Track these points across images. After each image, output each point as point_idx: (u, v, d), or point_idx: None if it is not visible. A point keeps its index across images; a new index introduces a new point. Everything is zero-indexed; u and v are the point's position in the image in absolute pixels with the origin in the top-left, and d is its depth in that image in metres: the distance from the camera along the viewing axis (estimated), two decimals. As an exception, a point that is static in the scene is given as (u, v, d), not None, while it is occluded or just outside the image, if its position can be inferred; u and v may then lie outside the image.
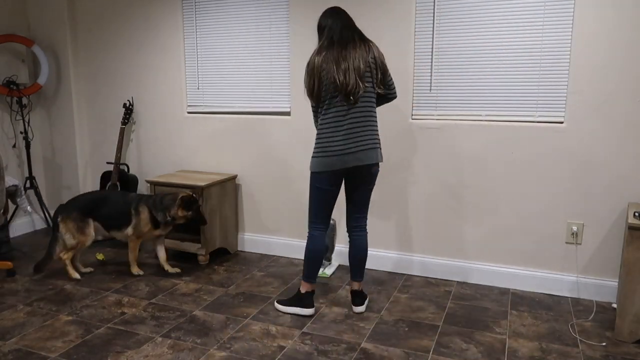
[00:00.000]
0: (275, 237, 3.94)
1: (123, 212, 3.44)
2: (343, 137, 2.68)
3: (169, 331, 2.76)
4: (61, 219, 3.37)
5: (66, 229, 3.36)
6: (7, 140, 4.36)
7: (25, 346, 2.61)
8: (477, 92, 3.22)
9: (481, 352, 2.55)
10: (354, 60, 2.66)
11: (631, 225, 2.54)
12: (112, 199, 3.50)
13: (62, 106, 4.46)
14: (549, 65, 3.03)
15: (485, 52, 3.15)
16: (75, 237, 3.37)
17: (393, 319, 2.90)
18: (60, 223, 3.38)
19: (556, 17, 2.98)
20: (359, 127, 2.71)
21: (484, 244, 3.34)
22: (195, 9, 3.90)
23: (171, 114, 4.12)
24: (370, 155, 2.73)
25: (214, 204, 3.73)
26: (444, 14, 3.21)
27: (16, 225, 4.43)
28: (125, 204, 3.46)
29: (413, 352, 2.55)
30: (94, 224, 3.44)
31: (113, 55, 4.27)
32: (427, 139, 3.36)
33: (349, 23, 2.76)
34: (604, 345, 2.61)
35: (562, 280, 3.18)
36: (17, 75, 4.24)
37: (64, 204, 3.47)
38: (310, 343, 2.64)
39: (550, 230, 3.17)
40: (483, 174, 3.27)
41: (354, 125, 2.70)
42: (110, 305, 3.08)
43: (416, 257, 3.52)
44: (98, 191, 3.87)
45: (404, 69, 3.34)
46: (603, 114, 2.96)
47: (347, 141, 2.69)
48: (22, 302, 3.12)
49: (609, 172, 3.00)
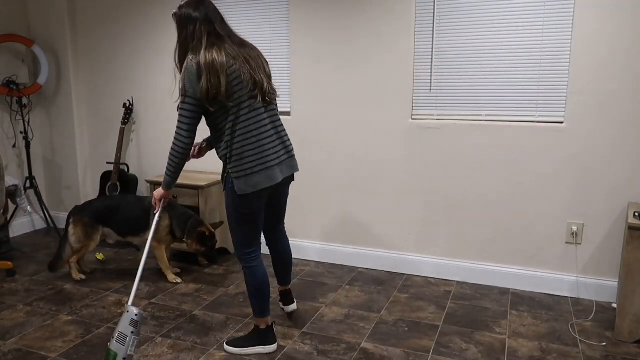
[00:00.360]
0: (275, 237, 3.94)
1: (140, 218, 3.39)
2: (276, 145, 2.35)
3: (169, 331, 2.76)
4: (73, 221, 3.37)
5: (74, 231, 3.35)
6: (7, 140, 4.36)
7: (25, 346, 2.61)
8: (477, 92, 3.22)
9: (481, 352, 2.55)
10: (257, 59, 2.34)
11: (631, 225, 2.54)
12: (129, 204, 3.46)
13: (62, 106, 4.46)
14: (549, 65, 3.03)
15: (486, 52, 3.15)
16: (82, 241, 3.36)
17: (393, 319, 2.90)
18: (71, 224, 3.37)
19: (556, 17, 2.98)
20: (282, 131, 2.42)
21: (484, 244, 3.34)
22: (195, 9, 3.90)
23: (171, 114, 4.12)
24: (296, 164, 2.49)
25: (214, 204, 3.73)
26: (444, 14, 3.21)
27: (16, 225, 4.43)
28: (144, 211, 3.40)
29: (413, 352, 2.55)
30: (104, 229, 3.42)
31: (113, 55, 4.27)
32: (427, 139, 3.36)
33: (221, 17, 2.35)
34: (604, 345, 2.61)
35: (562, 280, 3.19)
36: (17, 75, 4.24)
37: (80, 206, 3.44)
38: (310, 343, 2.64)
39: (550, 230, 3.17)
40: (483, 174, 3.27)
41: (279, 130, 2.40)
42: (110, 305, 3.08)
43: (416, 257, 3.52)
44: (114, 197, 3.81)
45: (404, 69, 3.34)
46: (603, 114, 2.96)
47: (279, 147, 2.37)
48: (22, 302, 3.12)
49: (609, 172, 3.00)
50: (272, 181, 2.31)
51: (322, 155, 3.67)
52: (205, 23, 2.26)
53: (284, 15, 3.64)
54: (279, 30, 3.68)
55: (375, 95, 3.44)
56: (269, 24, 3.70)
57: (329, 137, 3.62)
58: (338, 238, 3.73)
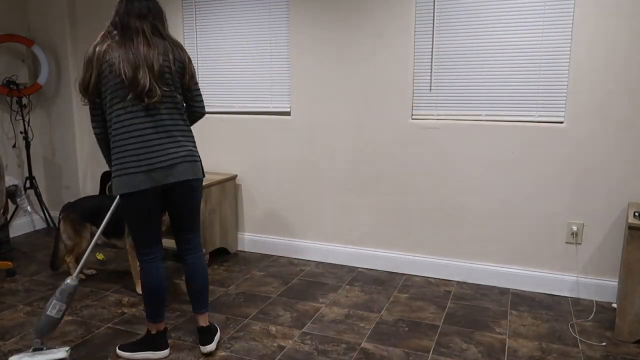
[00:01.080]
0: (275, 237, 3.94)
1: (120, 220, 3.20)
2: (146, 150, 2.24)
3: (169, 331, 2.76)
4: (62, 217, 3.37)
5: (64, 228, 3.35)
6: (7, 140, 4.36)
7: (25, 346, 2.61)
8: (477, 92, 3.22)
9: (481, 352, 2.55)
10: (147, 58, 2.22)
11: (631, 225, 2.54)
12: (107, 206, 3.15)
13: (62, 106, 4.46)
14: (549, 65, 3.03)
15: (485, 52, 3.16)
16: (72, 238, 3.34)
17: (393, 319, 2.90)
18: (61, 220, 3.37)
19: (556, 17, 2.98)
20: (165, 136, 2.28)
21: (484, 244, 3.34)
22: (195, 9, 3.90)
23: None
24: (184, 171, 2.32)
25: (214, 204, 3.73)
26: (444, 14, 3.21)
27: (16, 225, 4.43)
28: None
29: (413, 352, 2.55)
30: (91, 228, 3.37)
31: (113, 55, 4.27)
32: (427, 139, 3.36)
33: (144, 12, 2.28)
34: (604, 345, 2.61)
35: (562, 280, 3.19)
36: (17, 75, 4.24)
37: (70, 203, 3.43)
38: (310, 343, 2.64)
39: (550, 230, 3.17)
40: (483, 174, 3.27)
41: (159, 135, 2.27)
42: (110, 305, 3.08)
43: (416, 257, 3.52)
44: (104, 197, 3.69)
45: (404, 69, 3.34)
46: (603, 114, 2.96)
47: (152, 154, 2.25)
48: (22, 302, 3.12)
49: (609, 172, 3.00)
50: (133, 187, 2.24)
51: (322, 155, 3.67)
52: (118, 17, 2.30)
53: (284, 15, 3.64)
54: (279, 30, 3.68)
55: (375, 95, 3.44)
56: (269, 24, 3.70)
57: (329, 137, 3.62)
58: (338, 238, 3.73)
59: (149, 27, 2.28)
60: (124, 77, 2.19)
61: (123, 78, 2.20)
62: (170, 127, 2.30)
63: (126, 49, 2.22)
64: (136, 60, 2.20)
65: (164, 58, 2.27)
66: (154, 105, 2.25)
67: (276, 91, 3.78)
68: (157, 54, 2.25)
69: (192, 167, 2.35)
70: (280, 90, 3.76)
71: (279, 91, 3.77)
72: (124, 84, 2.20)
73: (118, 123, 2.24)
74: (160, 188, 2.31)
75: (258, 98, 3.84)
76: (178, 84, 2.34)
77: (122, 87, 2.21)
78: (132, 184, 2.24)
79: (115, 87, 2.22)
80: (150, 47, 2.24)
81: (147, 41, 2.25)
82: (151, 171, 2.25)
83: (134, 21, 2.26)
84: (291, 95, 3.70)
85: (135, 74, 2.19)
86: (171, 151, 2.29)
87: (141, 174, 2.23)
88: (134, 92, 2.21)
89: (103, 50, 2.22)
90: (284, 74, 3.72)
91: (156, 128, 2.27)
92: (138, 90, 2.20)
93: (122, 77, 2.20)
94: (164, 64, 2.27)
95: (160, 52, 2.27)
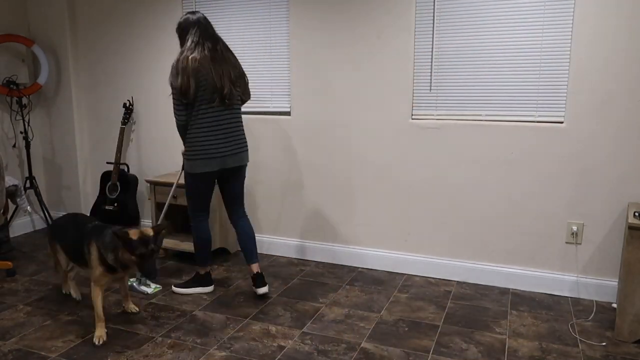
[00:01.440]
0: (275, 237, 3.94)
1: (79, 248, 2.73)
2: (223, 140, 2.94)
3: (169, 331, 2.76)
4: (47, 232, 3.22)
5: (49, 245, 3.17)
6: (7, 140, 4.36)
7: (25, 346, 2.61)
8: (477, 92, 3.22)
9: (481, 352, 2.55)
10: (228, 67, 2.92)
11: (631, 225, 2.54)
12: (72, 228, 2.85)
13: (62, 106, 4.46)
14: (549, 65, 3.03)
15: (485, 52, 3.15)
16: (51, 254, 3.15)
17: (393, 319, 2.90)
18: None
19: (556, 17, 2.98)
20: (234, 130, 3.00)
21: (484, 244, 3.34)
22: (196, 9, 3.90)
23: (171, 113, 4.11)
24: (244, 157, 3.08)
25: (214, 204, 3.72)
26: (444, 14, 3.21)
27: (16, 225, 4.43)
28: (81, 238, 2.73)
29: (413, 352, 2.55)
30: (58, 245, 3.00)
31: (113, 55, 4.27)
32: (427, 139, 3.36)
33: (213, 29, 2.98)
34: (604, 345, 2.62)
35: (562, 280, 3.19)
36: (17, 75, 4.25)
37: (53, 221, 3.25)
38: (310, 343, 2.64)
39: (550, 230, 3.17)
40: (483, 174, 3.27)
41: (231, 129, 2.98)
42: (110, 305, 3.08)
43: (416, 257, 3.52)
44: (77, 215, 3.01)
45: (404, 69, 3.34)
46: (603, 114, 2.96)
47: (226, 144, 2.96)
48: (22, 302, 3.12)
49: (608, 172, 3.00)
50: (209, 168, 2.93)
51: (322, 155, 3.67)
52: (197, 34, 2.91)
53: (284, 15, 3.64)
54: (279, 30, 3.68)
55: (375, 95, 3.44)
56: (269, 24, 3.70)
57: (329, 137, 3.62)
58: (338, 238, 3.73)
59: (222, 45, 2.96)
60: (216, 86, 2.86)
61: (215, 87, 2.86)
62: (238, 122, 3.04)
63: (214, 63, 2.87)
64: (223, 73, 2.89)
65: (236, 69, 2.98)
66: (231, 105, 2.96)
67: (276, 91, 3.78)
68: (232, 67, 2.96)
69: (247, 154, 3.12)
70: (280, 90, 3.76)
71: (279, 91, 3.77)
72: (214, 90, 2.87)
73: (204, 118, 2.89)
74: (224, 171, 3.01)
75: (258, 98, 3.83)
76: (242, 86, 3.04)
77: (212, 92, 2.87)
78: (210, 165, 2.94)
79: (206, 92, 2.86)
80: (229, 61, 2.95)
81: (226, 57, 2.94)
82: (226, 157, 2.97)
83: (214, 42, 2.93)
84: (291, 95, 3.70)
85: (223, 84, 2.88)
86: (239, 142, 3.04)
87: (218, 158, 2.95)
88: (219, 96, 2.89)
89: (197, 63, 2.83)
90: (283, 74, 3.72)
91: (230, 123, 2.97)
92: (223, 95, 2.89)
93: (214, 86, 2.86)
94: (236, 74, 2.97)
95: (232, 64, 2.97)
